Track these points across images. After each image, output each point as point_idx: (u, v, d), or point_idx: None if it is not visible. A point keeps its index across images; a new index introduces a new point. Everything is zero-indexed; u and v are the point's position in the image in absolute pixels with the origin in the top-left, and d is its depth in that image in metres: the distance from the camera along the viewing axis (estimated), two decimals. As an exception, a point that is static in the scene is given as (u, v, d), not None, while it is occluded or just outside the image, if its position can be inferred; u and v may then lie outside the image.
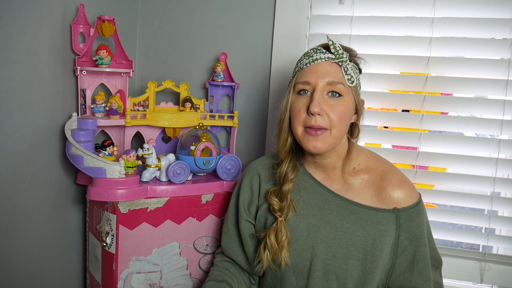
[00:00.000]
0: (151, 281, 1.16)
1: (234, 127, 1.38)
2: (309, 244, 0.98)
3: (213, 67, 1.44)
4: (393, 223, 0.96)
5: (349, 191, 1.00)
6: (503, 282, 1.31)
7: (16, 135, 1.01)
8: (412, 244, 0.97)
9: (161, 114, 1.26)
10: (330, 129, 0.95)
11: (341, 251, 0.96)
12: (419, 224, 0.97)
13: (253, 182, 1.09)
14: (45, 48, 1.08)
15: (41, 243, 1.14)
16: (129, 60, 1.25)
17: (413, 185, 1.01)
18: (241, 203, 1.09)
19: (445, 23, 1.28)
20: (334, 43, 0.96)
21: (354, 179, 1.01)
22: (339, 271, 0.96)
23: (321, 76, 0.95)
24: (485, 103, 1.29)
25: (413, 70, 1.32)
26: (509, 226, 1.30)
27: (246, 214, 1.08)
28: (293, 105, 0.98)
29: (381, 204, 0.98)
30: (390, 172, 1.01)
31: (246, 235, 1.08)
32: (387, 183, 0.98)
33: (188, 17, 1.47)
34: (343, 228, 0.97)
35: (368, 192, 0.99)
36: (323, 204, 1.00)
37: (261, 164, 1.11)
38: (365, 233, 0.96)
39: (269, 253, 0.98)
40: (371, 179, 1.00)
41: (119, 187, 1.06)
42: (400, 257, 0.97)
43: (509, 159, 1.28)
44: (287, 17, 1.37)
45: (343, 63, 0.96)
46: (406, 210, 0.96)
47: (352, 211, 0.98)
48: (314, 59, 0.97)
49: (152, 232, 1.13)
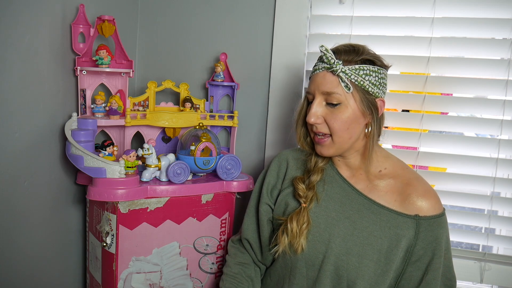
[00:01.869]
0: (151, 281, 1.16)
1: (234, 127, 1.38)
2: (325, 237, 0.98)
3: (213, 67, 1.44)
4: (412, 230, 0.96)
5: (373, 191, 1.01)
6: (503, 282, 1.30)
7: (16, 135, 1.01)
8: (427, 255, 0.96)
9: (161, 114, 1.26)
10: (332, 135, 0.99)
11: (356, 248, 0.96)
12: (438, 236, 0.96)
13: (281, 167, 1.12)
14: (45, 48, 1.08)
15: (41, 243, 1.14)
16: (129, 60, 1.25)
17: (438, 197, 1.00)
18: (265, 185, 1.12)
19: (445, 23, 1.28)
20: (325, 53, 0.96)
21: (379, 181, 1.02)
22: (351, 269, 0.95)
23: (317, 87, 0.99)
24: (485, 103, 1.29)
25: (413, 70, 1.32)
26: (509, 226, 1.30)
27: (267, 197, 1.10)
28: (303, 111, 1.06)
29: (403, 209, 0.98)
30: (417, 180, 1.01)
31: (264, 220, 1.09)
32: (413, 190, 0.99)
33: (188, 17, 1.47)
34: (361, 226, 0.97)
35: (392, 196, 1.00)
36: (345, 200, 1.01)
37: (292, 153, 1.14)
38: (383, 234, 0.96)
39: (287, 238, 0.99)
40: (396, 185, 1.01)
41: (119, 187, 1.06)
42: (412, 266, 0.96)
43: (509, 159, 1.28)
44: (287, 17, 1.37)
45: (336, 72, 0.96)
46: (428, 219, 0.96)
47: (372, 211, 0.98)
48: (315, 69, 1.01)
49: (152, 232, 1.13)
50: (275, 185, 1.11)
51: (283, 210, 1.06)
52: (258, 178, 1.17)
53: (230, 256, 1.16)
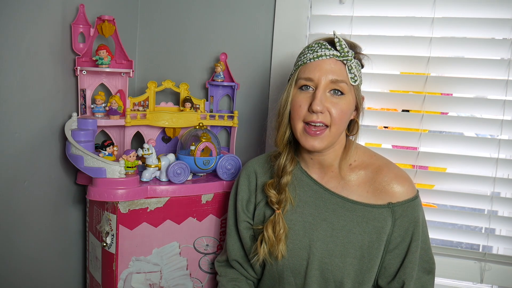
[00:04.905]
0: (151, 281, 1.16)
1: (234, 127, 1.38)
2: (305, 243, 0.98)
3: (213, 67, 1.44)
4: (389, 219, 0.95)
5: (345, 188, 0.99)
6: (503, 282, 1.30)
7: (16, 135, 1.01)
8: (405, 241, 0.95)
9: (161, 114, 1.26)
10: (330, 126, 0.95)
11: (338, 249, 0.95)
12: (414, 220, 0.95)
13: (250, 180, 1.09)
14: (45, 48, 1.08)
15: (41, 243, 1.14)
16: (129, 60, 1.25)
17: (410, 180, 0.99)
18: (239, 202, 1.08)
19: (445, 23, 1.28)
20: (340, 40, 0.94)
21: (350, 175, 1.00)
22: (336, 270, 0.95)
23: (324, 74, 0.94)
24: (485, 103, 1.29)
25: (413, 70, 1.32)
26: (509, 226, 1.30)
27: (244, 214, 1.08)
28: (294, 100, 0.97)
29: (376, 199, 0.96)
30: (386, 166, 1.00)
31: (246, 237, 1.07)
32: (383, 177, 0.97)
33: (188, 17, 1.47)
34: (339, 226, 0.97)
35: (364, 188, 0.98)
36: (319, 202, 1.00)
37: (257, 162, 1.11)
38: (362, 230, 0.95)
39: (266, 246, 0.98)
40: (367, 175, 0.99)
41: (119, 187, 1.06)
42: (390, 253, 0.96)
43: (509, 159, 1.28)
44: (287, 17, 1.37)
45: (347, 62, 0.95)
46: (401, 205, 0.95)
47: (347, 209, 0.97)
48: (318, 55, 0.95)
49: (152, 232, 1.13)
50: (249, 199, 1.08)
51: (262, 221, 1.04)
52: (230, 196, 1.13)
53: (221, 276, 1.14)
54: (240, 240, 1.10)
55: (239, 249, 1.11)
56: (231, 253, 1.11)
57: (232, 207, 1.12)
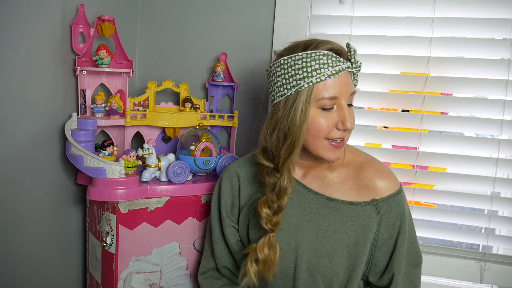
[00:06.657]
0: (151, 281, 1.16)
1: (234, 127, 1.38)
2: (292, 246, 0.96)
3: (213, 67, 1.44)
4: (375, 216, 0.94)
5: (329, 187, 0.99)
6: (503, 282, 1.31)
7: (16, 135, 1.01)
8: (393, 237, 0.94)
9: (161, 114, 1.26)
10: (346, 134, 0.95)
11: (325, 249, 0.94)
12: (399, 215, 0.94)
13: (233, 184, 1.06)
14: (45, 48, 1.08)
15: (41, 243, 1.14)
16: (129, 60, 1.25)
17: (393, 174, 0.98)
18: (223, 208, 1.06)
19: (445, 23, 1.28)
20: (355, 53, 0.91)
21: (332, 173, 1.00)
22: (324, 271, 0.94)
23: (345, 88, 0.91)
24: (485, 103, 1.29)
25: (413, 70, 1.32)
26: (509, 226, 1.30)
27: (229, 219, 1.06)
28: (317, 121, 0.90)
29: (360, 196, 0.96)
30: (368, 162, 0.99)
31: (233, 242, 1.05)
32: (365, 173, 0.97)
33: (188, 17, 1.47)
34: (325, 226, 0.96)
35: (347, 185, 0.98)
36: (303, 204, 0.99)
37: (238, 165, 1.08)
38: (347, 229, 0.94)
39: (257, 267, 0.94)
40: (349, 172, 0.99)
41: (119, 187, 1.06)
42: (379, 250, 0.95)
43: (509, 159, 1.28)
44: (287, 17, 1.37)
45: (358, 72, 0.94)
46: (385, 201, 0.94)
47: (332, 208, 0.96)
48: (337, 71, 0.89)
49: (152, 232, 1.13)
50: (233, 203, 1.06)
51: (246, 227, 1.03)
52: (212, 202, 1.10)
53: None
54: (227, 246, 1.08)
55: (227, 256, 1.09)
56: (220, 260, 1.09)
57: (215, 212, 1.08)
